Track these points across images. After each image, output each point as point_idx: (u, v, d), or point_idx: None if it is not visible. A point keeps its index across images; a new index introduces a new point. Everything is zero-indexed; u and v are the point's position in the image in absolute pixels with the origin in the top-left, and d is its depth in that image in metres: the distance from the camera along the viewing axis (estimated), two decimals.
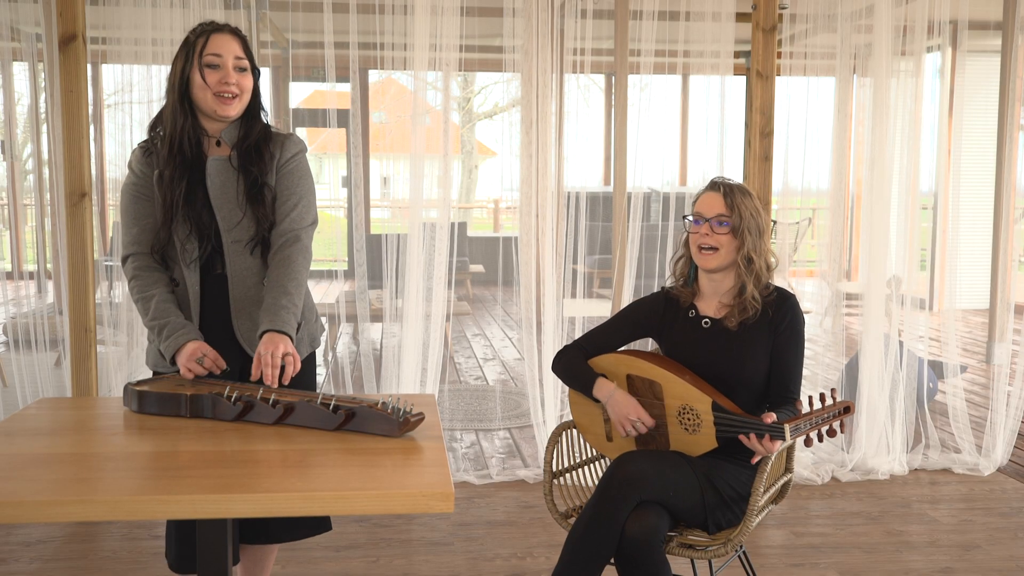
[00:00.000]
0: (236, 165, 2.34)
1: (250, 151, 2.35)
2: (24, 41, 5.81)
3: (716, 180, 2.55)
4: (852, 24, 6.10)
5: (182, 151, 2.32)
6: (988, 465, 4.47)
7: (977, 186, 7.78)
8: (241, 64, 2.33)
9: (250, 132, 2.37)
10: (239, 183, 2.34)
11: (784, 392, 2.50)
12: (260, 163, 2.35)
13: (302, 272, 2.35)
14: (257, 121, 2.40)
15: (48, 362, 4.66)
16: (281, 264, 2.33)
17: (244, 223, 2.34)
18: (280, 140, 2.42)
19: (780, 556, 3.47)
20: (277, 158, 2.39)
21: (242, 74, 2.34)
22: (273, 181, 2.37)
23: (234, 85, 2.31)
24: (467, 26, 4.26)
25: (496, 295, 10.99)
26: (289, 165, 2.40)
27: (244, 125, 2.38)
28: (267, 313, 2.26)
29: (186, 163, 2.33)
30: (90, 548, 3.48)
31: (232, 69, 2.31)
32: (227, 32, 2.34)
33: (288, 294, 2.29)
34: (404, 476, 1.76)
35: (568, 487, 2.72)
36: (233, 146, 2.36)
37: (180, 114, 2.32)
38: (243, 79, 2.34)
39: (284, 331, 2.23)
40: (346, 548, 3.49)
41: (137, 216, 2.37)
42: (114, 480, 1.74)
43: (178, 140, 2.32)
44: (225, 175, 2.34)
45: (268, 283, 2.33)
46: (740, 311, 2.51)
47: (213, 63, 2.30)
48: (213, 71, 2.30)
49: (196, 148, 2.34)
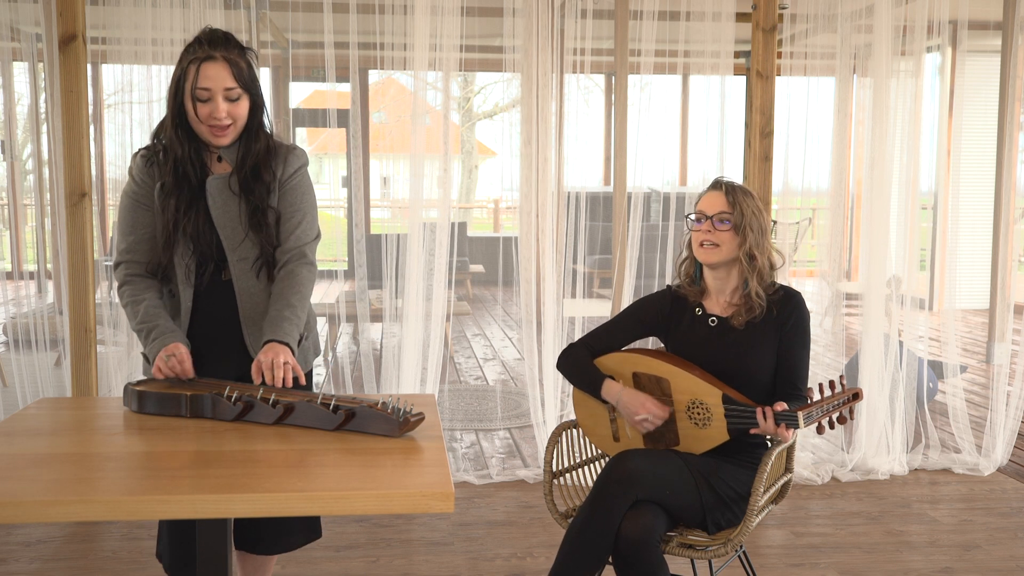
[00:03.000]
0: (236, 191, 2.33)
1: (251, 174, 2.33)
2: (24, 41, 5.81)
3: (718, 179, 2.57)
4: (852, 24, 6.10)
5: (186, 175, 2.32)
6: (988, 465, 4.47)
7: (977, 186, 7.78)
8: (231, 95, 2.28)
9: (248, 153, 2.34)
10: (240, 207, 2.33)
11: (791, 389, 2.50)
12: (260, 186, 2.34)
13: (306, 285, 2.36)
14: (256, 141, 2.36)
15: (48, 362, 4.66)
16: (286, 278, 2.34)
17: (247, 243, 2.34)
18: (283, 155, 2.39)
19: (780, 556, 3.47)
20: (279, 174, 2.37)
21: (234, 104, 2.29)
22: (275, 200, 2.37)
23: (225, 117, 2.28)
24: (467, 26, 4.26)
25: (496, 295, 10.99)
26: (292, 181, 2.39)
27: (244, 144, 2.35)
28: (270, 324, 2.27)
29: (188, 183, 2.32)
30: (90, 548, 3.48)
31: (222, 101, 2.27)
32: (218, 60, 2.27)
33: (291, 306, 2.30)
34: (404, 476, 1.76)
35: (568, 487, 2.72)
36: (233, 166, 2.35)
37: (178, 143, 2.31)
38: (235, 108, 2.29)
39: (285, 342, 2.24)
40: (346, 548, 3.49)
41: (135, 225, 2.36)
42: (114, 480, 1.74)
43: (181, 166, 2.31)
44: (226, 195, 2.33)
45: (273, 296, 2.33)
46: (747, 310, 2.51)
47: (202, 97, 2.26)
48: (204, 104, 2.27)
49: (200, 170, 2.34)
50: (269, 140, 2.39)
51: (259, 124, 2.37)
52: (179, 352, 2.24)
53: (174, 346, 2.25)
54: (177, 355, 2.23)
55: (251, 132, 2.36)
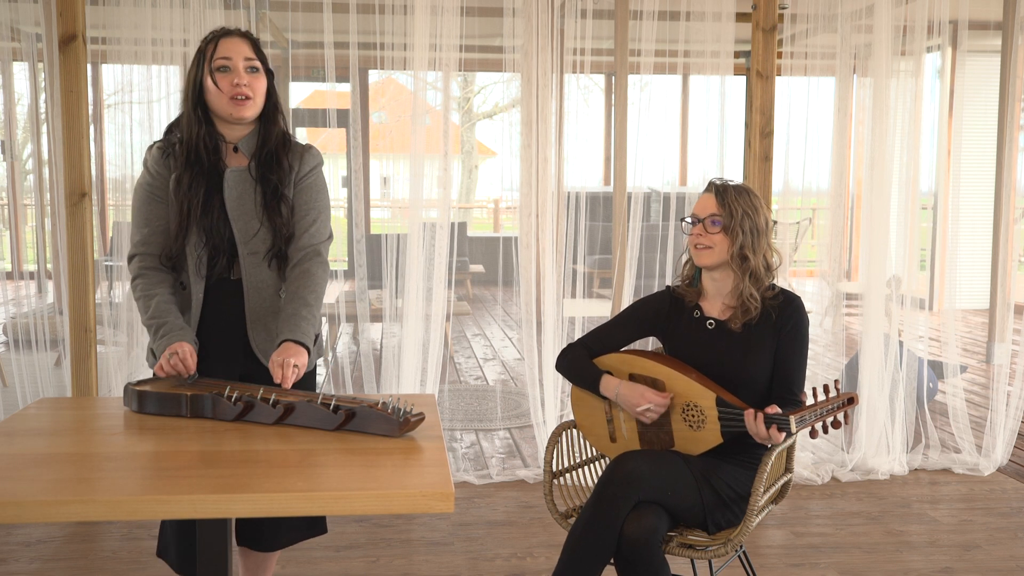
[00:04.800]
0: (255, 175, 2.34)
1: (269, 159, 2.35)
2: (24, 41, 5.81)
3: (712, 181, 2.56)
4: (852, 24, 6.10)
5: (199, 158, 2.32)
6: (988, 465, 4.47)
7: (977, 186, 7.78)
8: (252, 64, 2.32)
9: (268, 138, 2.37)
10: (257, 193, 2.34)
11: (787, 393, 2.50)
12: (279, 172, 2.35)
13: (321, 285, 2.37)
14: (274, 125, 2.39)
15: (48, 362, 4.66)
16: (301, 276, 2.34)
17: (261, 234, 2.34)
18: (299, 152, 2.41)
19: (780, 556, 3.47)
20: (296, 171, 2.39)
21: (254, 75, 2.33)
22: (291, 193, 2.37)
23: (246, 86, 2.30)
24: (467, 26, 4.26)
25: (496, 295, 10.99)
26: (308, 179, 2.40)
27: (261, 131, 2.37)
28: (287, 323, 2.27)
29: (203, 171, 2.32)
30: (90, 548, 3.48)
31: (243, 70, 2.31)
32: (236, 35, 2.34)
33: (308, 305, 2.30)
34: (404, 476, 1.76)
35: (568, 487, 2.72)
36: (251, 155, 2.36)
37: (195, 122, 2.32)
38: (255, 80, 2.33)
39: (302, 341, 2.25)
40: (346, 548, 3.49)
41: (149, 217, 2.36)
42: (114, 480, 1.74)
43: (194, 147, 2.32)
44: (243, 186, 2.33)
45: (288, 294, 2.33)
46: (742, 312, 2.51)
47: (223, 66, 2.30)
48: (224, 75, 2.30)
49: (214, 155, 2.34)
50: (286, 127, 2.42)
51: (275, 107, 2.40)
52: (182, 351, 2.24)
53: (178, 345, 2.25)
54: (180, 353, 2.24)
55: (268, 116, 2.38)
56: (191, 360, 2.25)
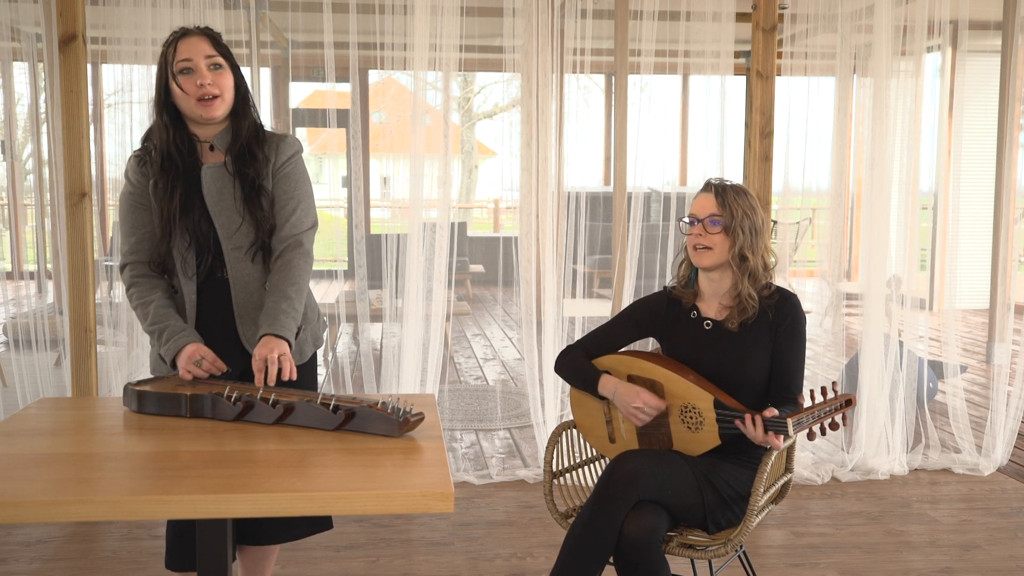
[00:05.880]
0: (231, 170, 2.33)
1: (243, 153, 2.34)
2: (24, 41, 5.81)
3: (709, 181, 2.55)
4: (852, 24, 6.10)
5: (172, 162, 2.32)
6: (988, 465, 4.47)
7: (977, 186, 7.78)
8: (214, 61, 2.30)
9: (239, 132, 2.36)
10: (236, 188, 2.33)
11: (785, 393, 2.50)
12: (255, 164, 2.34)
13: (303, 276, 2.35)
14: (245, 119, 2.37)
15: (48, 362, 4.66)
16: (282, 269, 2.34)
17: (243, 229, 2.33)
18: (275, 142, 2.40)
19: (780, 556, 3.47)
20: (273, 161, 2.37)
21: (217, 72, 2.30)
22: (270, 185, 2.36)
23: (211, 85, 2.28)
24: (467, 26, 4.26)
25: (496, 295, 10.99)
26: (285, 168, 2.39)
27: (233, 126, 2.37)
28: (267, 317, 2.27)
29: (179, 174, 2.32)
30: (90, 548, 3.48)
31: (206, 69, 2.28)
32: (195, 34, 2.31)
33: (288, 298, 2.29)
34: (404, 476, 1.76)
35: (568, 487, 2.72)
36: (227, 150, 2.35)
37: (163, 128, 2.32)
38: (219, 77, 2.31)
39: (282, 335, 2.24)
40: (346, 548, 3.49)
41: (135, 226, 2.37)
42: (114, 480, 1.74)
43: (167, 152, 2.32)
44: (221, 182, 2.33)
45: (269, 287, 2.33)
46: (739, 312, 2.51)
47: (186, 68, 2.28)
48: (188, 76, 2.28)
49: (189, 157, 2.33)
50: (257, 119, 2.40)
51: (244, 101, 2.38)
52: (205, 353, 2.25)
53: (195, 349, 2.25)
54: (207, 357, 2.25)
55: (237, 112, 2.37)
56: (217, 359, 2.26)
